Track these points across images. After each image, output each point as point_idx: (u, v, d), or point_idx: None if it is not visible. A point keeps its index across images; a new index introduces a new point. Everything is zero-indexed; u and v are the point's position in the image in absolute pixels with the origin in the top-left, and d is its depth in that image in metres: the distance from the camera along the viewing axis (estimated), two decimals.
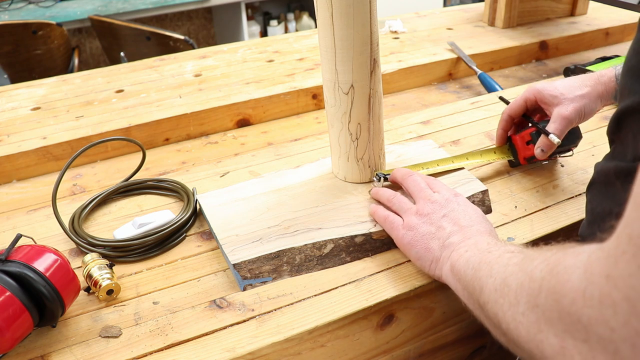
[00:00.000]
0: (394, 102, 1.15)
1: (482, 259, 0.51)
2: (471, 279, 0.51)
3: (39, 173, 0.93)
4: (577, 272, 0.33)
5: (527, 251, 0.46)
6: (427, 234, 0.60)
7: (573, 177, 0.80)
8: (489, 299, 0.46)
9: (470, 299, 0.51)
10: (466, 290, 0.52)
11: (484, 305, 0.47)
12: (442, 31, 1.42)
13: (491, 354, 0.76)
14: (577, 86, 0.73)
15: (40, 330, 0.57)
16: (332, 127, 0.72)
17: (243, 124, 1.06)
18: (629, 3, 1.18)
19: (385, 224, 0.65)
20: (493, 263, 0.48)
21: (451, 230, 0.59)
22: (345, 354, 0.61)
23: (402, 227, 0.63)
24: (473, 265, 0.51)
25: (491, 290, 0.46)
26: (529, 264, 0.41)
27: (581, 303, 0.32)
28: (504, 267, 0.45)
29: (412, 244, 0.61)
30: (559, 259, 0.37)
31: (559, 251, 0.39)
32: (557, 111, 0.72)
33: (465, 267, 0.53)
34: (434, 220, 0.61)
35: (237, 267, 0.61)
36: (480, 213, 0.62)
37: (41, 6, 2.55)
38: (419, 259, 0.60)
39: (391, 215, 0.65)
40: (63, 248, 0.70)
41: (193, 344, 0.55)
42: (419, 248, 0.60)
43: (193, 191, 0.77)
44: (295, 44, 1.36)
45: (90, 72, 1.25)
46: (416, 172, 0.71)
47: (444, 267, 0.57)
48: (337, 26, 0.63)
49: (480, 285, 0.48)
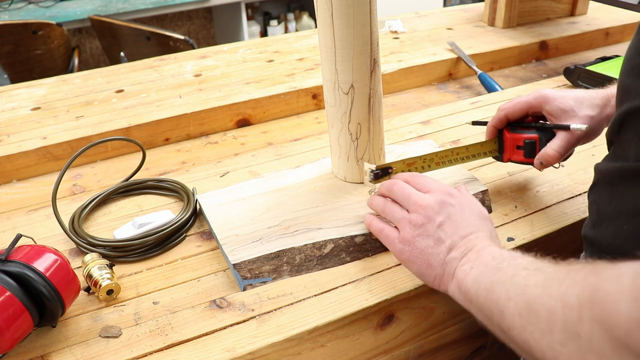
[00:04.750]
0: (394, 102, 1.15)
1: (493, 278, 0.48)
2: (486, 301, 0.48)
3: (39, 173, 0.92)
4: (625, 299, 0.32)
5: (545, 269, 0.44)
6: (426, 249, 0.57)
7: (573, 177, 0.80)
8: (513, 325, 0.44)
9: (490, 322, 0.49)
10: (482, 312, 0.50)
11: (509, 331, 0.45)
12: (442, 31, 1.42)
13: (491, 354, 0.76)
14: (588, 105, 0.69)
15: (40, 330, 0.57)
16: (332, 127, 0.72)
17: (243, 124, 1.06)
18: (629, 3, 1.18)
19: (381, 236, 0.62)
20: (508, 284, 0.46)
21: (450, 243, 0.56)
22: (345, 354, 0.61)
23: (398, 241, 0.59)
24: (485, 286, 0.49)
25: (515, 315, 0.43)
26: (556, 287, 0.39)
27: (638, 335, 0.31)
28: (523, 289, 0.43)
29: (411, 260, 0.58)
30: (597, 285, 0.35)
31: (591, 274, 0.37)
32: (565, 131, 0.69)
33: (475, 288, 0.50)
34: (430, 232, 0.57)
35: (237, 267, 0.61)
36: (478, 211, 0.60)
37: (41, 6, 2.55)
38: (421, 275, 0.58)
39: (386, 228, 0.62)
40: (63, 248, 0.70)
41: (193, 344, 0.55)
42: (420, 265, 0.57)
43: (193, 191, 0.77)
44: (295, 44, 1.36)
45: (90, 72, 1.25)
46: (401, 174, 0.66)
47: (450, 285, 0.55)
48: (337, 26, 0.63)
49: (500, 309, 0.46)
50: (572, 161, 0.83)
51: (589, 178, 0.79)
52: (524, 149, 0.71)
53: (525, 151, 0.71)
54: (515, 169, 0.81)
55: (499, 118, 0.73)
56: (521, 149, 0.71)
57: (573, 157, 0.83)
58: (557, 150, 0.68)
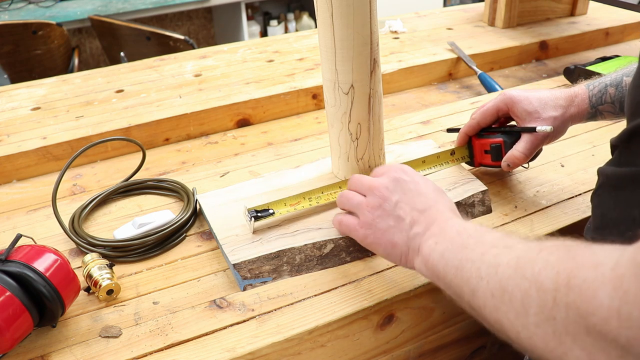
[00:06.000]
0: (394, 102, 1.15)
1: (461, 255, 0.48)
2: (455, 278, 0.48)
3: (39, 173, 0.92)
4: (604, 288, 0.32)
5: (513, 246, 0.44)
6: (388, 229, 0.57)
7: (573, 177, 0.80)
8: (485, 304, 0.44)
9: (460, 299, 0.49)
10: (451, 289, 0.50)
11: (480, 309, 0.45)
12: (442, 31, 1.42)
13: (491, 354, 0.76)
14: (552, 106, 0.71)
15: (40, 330, 0.57)
16: (332, 127, 0.72)
17: (243, 124, 1.06)
18: (629, 3, 1.18)
19: (342, 227, 0.62)
20: (478, 262, 0.46)
21: (411, 219, 0.56)
22: (345, 354, 0.61)
23: (359, 226, 0.59)
24: (453, 263, 0.49)
25: (487, 295, 0.44)
26: (529, 268, 0.39)
27: (616, 324, 0.31)
28: (495, 268, 0.43)
29: (376, 242, 0.58)
30: (573, 271, 0.35)
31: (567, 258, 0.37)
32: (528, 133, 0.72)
33: (442, 264, 0.50)
34: (389, 211, 0.57)
35: (237, 267, 0.61)
36: (433, 187, 0.59)
37: (41, 6, 2.54)
38: (388, 256, 0.58)
39: (345, 217, 0.62)
40: (63, 248, 0.70)
41: (193, 344, 0.55)
42: (385, 245, 0.57)
43: (193, 191, 0.77)
44: (295, 44, 1.36)
45: (90, 72, 1.25)
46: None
47: (416, 261, 0.54)
48: (337, 26, 0.63)
49: (471, 288, 0.46)
50: (572, 161, 0.83)
51: (589, 178, 0.79)
52: (491, 152, 0.75)
53: (492, 155, 0.75)
54: (515, 169, 0.81)
55: (471, 126, 0.76)
56: (488, 153, 0.75)
57: (573, 157, 0.84)
58: (523, 152, 0.71)
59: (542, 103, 0.72)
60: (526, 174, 0.80)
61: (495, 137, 0.74)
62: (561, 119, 0.71)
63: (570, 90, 0.73)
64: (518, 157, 0.71)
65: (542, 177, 0.80)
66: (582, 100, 0.72)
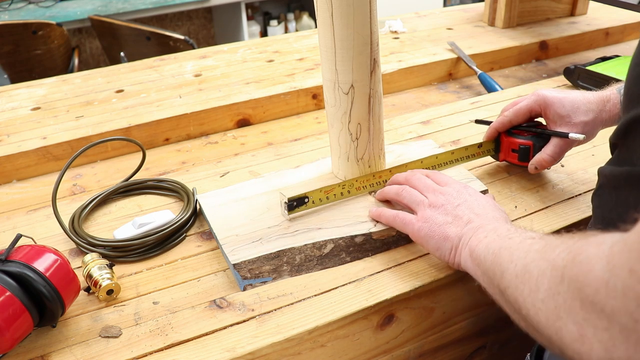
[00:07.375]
0: (394, 102, 1.15)
1: (502, 244, 0.51)
2: (491, 264, 0.51)
3: (39, 173, 0.93)
4: (600, 262, 0.34)
5: (548, 238, 0.46)
6: (444, 223, 0.60)
7: (573, 177, 0.80)
8: (509, 284, 0.46)
9: (491, 284, 0.51)
10: (486, 275, 0.52)
11: (505, 290, 0.47)
12: (442, 31, 1.42)
13: (491, 354, 0.76)
14: (584, 110, 0.72)
15: (40, 330, 0.57)
16: (332, 127, 0.72)
17: (243, 124, 1.06)
18: (629, 3, 1.18)
19: (396, 221, 0.65)
20: (514, 249, 0.48)
21: (468, 217, 0.59)
22: (345, 354, 0.61)
23: (416, 220, 0.62)
24: (493, 250, 0.51)
25: (512, 275, 0.46)
26: (551, 251, 0.42)
27: (604, 294, 0.33)
28: (525, 253, 0.46)
29: (429, 235, 0.61)
30: (581, 248, 0.38)
31: (581, 239, 0.39)
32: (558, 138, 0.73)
33: (485, 253, 0.53)
34: (449, 210, 0.61)
35: (237, 267, 0.61)
36: (493, 202, 0.63)
37: (41, 6, 2.54)
38: (438, 249, 0.60)
39: (401, 213, 0.65)
40: (63, 248, 0.70)
41: (193, 344, 0.55)
42: (437, 238, 0.60)
43: (193, 191, 0.77)
44: (295, 44, 1.36)
45: (90, 72, 1.25)
46: (419, 169, 0.70)
47: (463, 253, 0.57)
48: (337, 26, 0.63)
49: (501, 270, 0.48)
50: (572, 161, 0.83)
51: (589, 178, 0.79)
52: (518, 152, 0.76)
53: (520, 155, 0.76)
54: (515, 169, 0.81)
55: (503, 123, 0.78)
56: (515, 152, 0.77)
57: (573, 157, 0.84)
58: (552, 155, 0.73)
59: (575, 107, 0.72)
60: (526, 174, 0.80)
61: (525, 139, 0.76)
62: (592, 124, 0.72)
63: (602, 94, 0.73)
64: (547, 160, 0.73)
65: (542, 177, 0.80)
66: (614, 105, 0.72)
